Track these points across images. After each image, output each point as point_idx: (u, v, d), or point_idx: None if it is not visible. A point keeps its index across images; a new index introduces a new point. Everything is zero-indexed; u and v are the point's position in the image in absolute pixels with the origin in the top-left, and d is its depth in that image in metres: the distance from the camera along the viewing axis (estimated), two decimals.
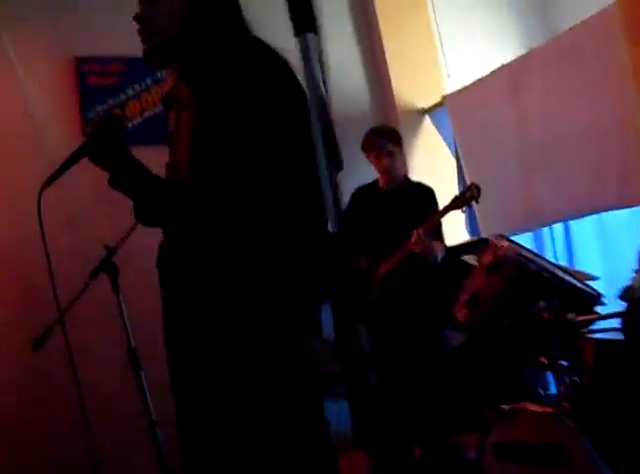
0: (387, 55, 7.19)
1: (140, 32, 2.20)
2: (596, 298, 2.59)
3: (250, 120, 1.89)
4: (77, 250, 5.48)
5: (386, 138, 5.13)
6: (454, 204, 4.72)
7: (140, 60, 6.10)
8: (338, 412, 2.54)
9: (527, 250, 2.87)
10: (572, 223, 6.20)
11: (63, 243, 5.54)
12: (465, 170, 6.82)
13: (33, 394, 5.31)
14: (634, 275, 2.51)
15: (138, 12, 2.21)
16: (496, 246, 2.67)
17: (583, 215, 5.91)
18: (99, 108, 5.92)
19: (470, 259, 3.19)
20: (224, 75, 1.97)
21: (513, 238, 5.87)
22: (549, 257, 6.33)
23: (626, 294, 2.47)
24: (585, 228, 6.11)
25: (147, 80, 6.13)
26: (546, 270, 2.52)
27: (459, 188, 6.94)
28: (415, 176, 6.96)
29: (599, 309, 2.68)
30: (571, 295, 2.51)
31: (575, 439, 2.13)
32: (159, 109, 6.14)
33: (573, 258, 6.24)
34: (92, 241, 5.17)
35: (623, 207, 5.44)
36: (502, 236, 2.88)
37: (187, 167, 2.03)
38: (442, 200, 6.79)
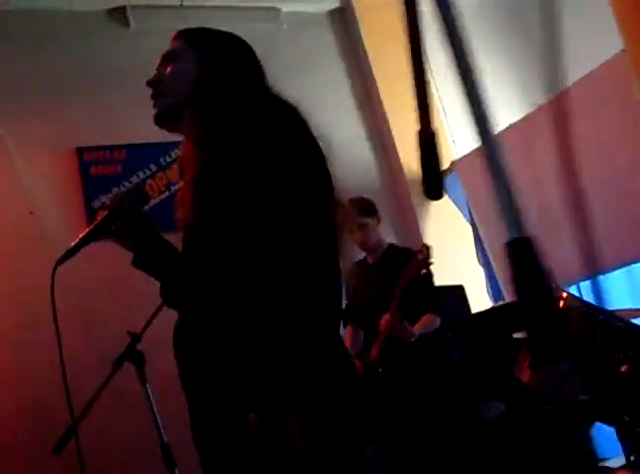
0: (392, 127, 7.14)
1: (153, 95, 2.05)
2: None
3: (256, 188, 1.77)
4: (91, 342, 5.29)
5: (355, 210, 4.69)
6: (408, 274, 4.43)
7: (142, 147, 6.06)
8: None
9: (584, 300, 2.65)
10: (601, 278, 5.98)
11: (75, 337, 5.35)
12: (482, 235, 6.65)
13: None
14: None
15: (154, 77, 2.06)
16: (562, 297, 2.44)
17: (612, 269, 5.71)
18: (103, 198, 5.78)
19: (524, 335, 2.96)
20: (234, 137, 1.84)
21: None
22: None
23: None
24: (614, 282, 5.88)
25: (151, 166, 6.01)
26: (615, 317, 2.29)
27: (477, 253, 6.77)
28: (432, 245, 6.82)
29: None
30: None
31: None
32: (165, 195, 6.01)
33: None
34: (106, 333, 5.01)
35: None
36: (558, 287, 2.65)
37: (189, 231, 1.94)
38: (462, 267, 6.65)
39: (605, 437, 4.67)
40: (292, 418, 1.61)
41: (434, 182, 1.22)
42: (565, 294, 2.44)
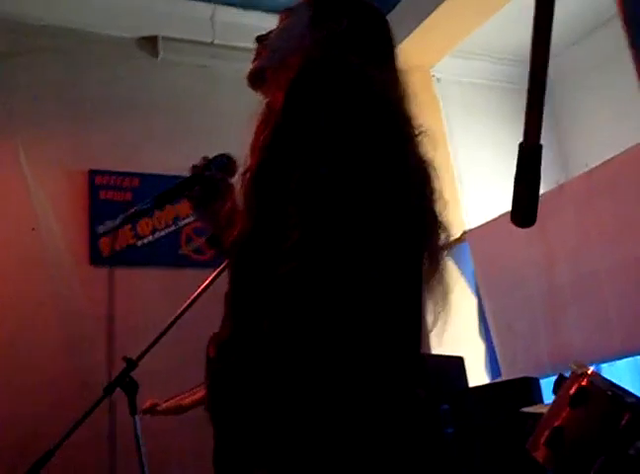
0: None
1: (257, 50, 1.83)
2: None
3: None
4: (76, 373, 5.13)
5: None
6: None
7: (155, 178, 5.96)
8: None
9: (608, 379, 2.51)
10: (604, 366, 5.83)
11: (68, 377, 5.21)
12: (486, 309, 6.52)
13: None
14: None
15: (264, 35, 1.84)
16: (578, 374, 2.31)
17: (616, 358, 5.56)
18: (109, 223, 5.67)
19: (534, 409, 2.83)
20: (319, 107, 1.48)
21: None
22: None
23: None
24: (619, 371, 5.74)
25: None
26: None
27: (480, 326, 6.64)
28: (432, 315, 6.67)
29: None
30: None
31: None
32: (171, 229, 5.91)
33: None
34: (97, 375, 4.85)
35: None
36: (583, 364, 2.52)
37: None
38: (464, 341, 6.51)
39: None
40: None
41: (531, 205, 1.10)
42: (589, 371, 2.31)
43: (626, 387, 5.57)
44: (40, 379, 5.11)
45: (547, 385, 5.77)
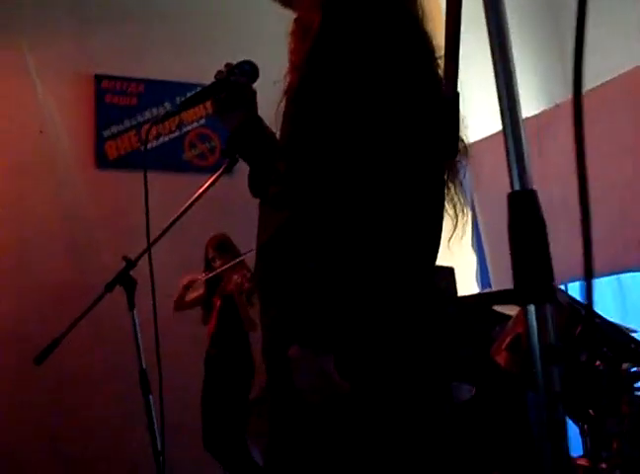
0: None
1: None
2: None
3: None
4: (83, 270, 5.38)
5: None
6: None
7: (160, 84, 6.06)
8: None
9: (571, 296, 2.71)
10: None
11: (68, 264, 5.45)
12: (480, 221, 6.70)
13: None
14: None
15: None
16: None
17: (602, 275, 5.77)
18: (114, 128, 5.80)
19: (504, 309, 3.01)
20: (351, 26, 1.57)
21: None
22: None
23: None
24: (602, 288, 5.95)
25: (166, 104, 6.01)
26: (597, 316, 2.35)
27: (473, 237, 6.83)
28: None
29: None
30: (622, 345, 2.34)
31: None
32: (175, 135, 6.04)
33: None
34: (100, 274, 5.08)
35: None
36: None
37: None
38: (456, 251, 6.71)
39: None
40: (329, 357, 1.44)
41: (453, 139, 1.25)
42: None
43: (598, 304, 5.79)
44: (45, 278, 5.36)
45: None
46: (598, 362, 2.24)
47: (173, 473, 4.17)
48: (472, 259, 6.82)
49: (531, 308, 1.03)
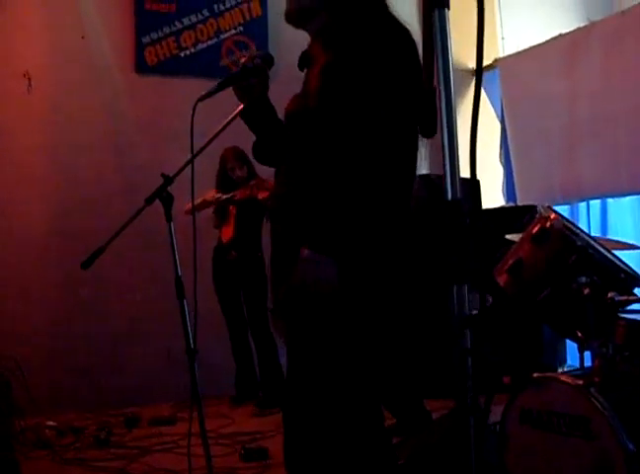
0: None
1: None
2: (636, 280, 2.62)
3: (367, 92, 1.98)
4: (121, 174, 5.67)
5: None
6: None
7: None
8: None
9: (573, 224, 2.89)
10: (610, 201, 6.19)
11: (108, 166, 5.74)
12: (509, 136, 6.81)
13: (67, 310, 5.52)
14: None
15: None
16: (544, 216, 2.70)
17: (623, 194, 5.91)
18: (153, 34, 5.95)
19: (515, 238, 3.22)
20: (354, 41, 2.05)
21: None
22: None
23: None
24: (622, 207, 6.10)
25: (204, 12, 6.14)
26: (592, 246, 2.55)
27: (501, 151, 6.96)
28: (459, 136, 6.98)
29: (638, 291, 2.72)
30: (612, 275, 2.55)
31: (601, 413, 2.19)
32: (213, 41, 6.18)
33: (607, 235, 6.24)
34: (140, 175, 5.38)
35: None
36: (549, 207, 2.91)
37: (311, 114, 2.08)
38: (484, 162, 6.87)
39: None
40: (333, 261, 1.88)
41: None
42: (553, 215, 2.69)
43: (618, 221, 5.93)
44: (87, 175, 5.66)
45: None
46: (587, 290, 2.46)
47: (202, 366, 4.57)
48: (499, 172, 6.97)
49: (454, 287, 1.36)
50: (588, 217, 6.33)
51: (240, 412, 5.22)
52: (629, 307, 2.69)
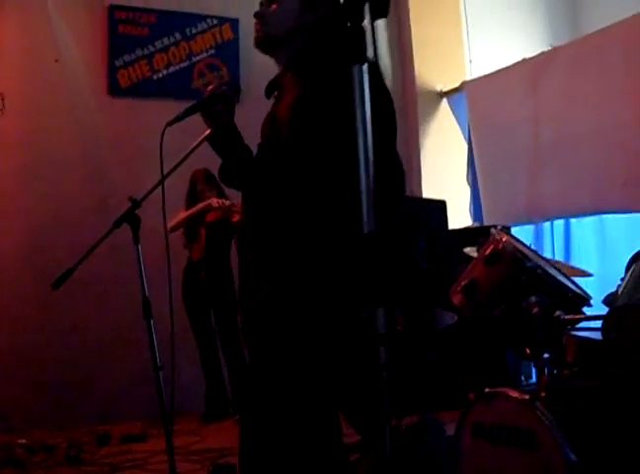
0: (413, 36, 7.30)
1: (259, 24, 2.37)
2: (584, 299, 2.75)
3: (331, 127, 2.11)
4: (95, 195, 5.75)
5: None
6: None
7: (171, 14, 6.30)
8: None
9: (525, 246, 3.02)
10: (573, 221, 6.36)
11: (82, 188, 5.82)
12: (476, 157, 6.96)
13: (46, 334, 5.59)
14: (620, 283, 2.66)
15: (260, 10, 2.38)
16: (496, 239, 2.83)
17: (585, 214, 6.07)
18: (127, 57, 6.06)
19: (471, 251, 3.35)
20: (325, 76, 2.18)
21: (513, 230, 6.18)
22: (547, 251, 6.53)
23: (610, 301, 2.64)
24: (585, 227, 6.26)
25: (177, 35, 6.26)
26: (541, 267, 2.67)
27: (468, 172, 7.11)
28: (427, 156, 7.17)
29: (586, 310, 2.84)
30: (561, 294, 2.67)
31: (545, 426, 2.31)
32: (185, 64, 6.30)
33: (570, 255, 6.41)
34: (113, 194, 5.46)
35: (626, 212, 5.58)
36: (503, 229, 3.04)
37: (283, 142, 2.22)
38: (451, 182, 7.02)
39: None
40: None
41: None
42: (505, 238, 2.81)
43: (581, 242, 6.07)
44: (62, 194, 5.75)
45: (520, 233, 6.36)
46: (536, 309, 2.59)
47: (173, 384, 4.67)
48: (467, 192, 7.11)
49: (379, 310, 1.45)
50: (552, 237, 6.49)
51: (210, 429, 5.29)
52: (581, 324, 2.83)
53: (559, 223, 6.46)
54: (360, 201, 2.18)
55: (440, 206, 6.18)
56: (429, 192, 6.90)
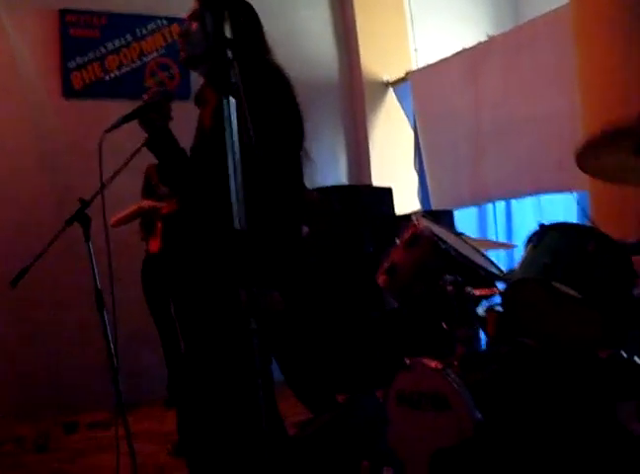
0: (358, 27, 7.54)
1: (182, 43, 2.63)
2: (494, 276, 3.03)
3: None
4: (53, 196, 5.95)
5: None
6: None
7: (121, 16, 6.48)
8: None
9: (446, 229, 3.29)
10: (514, 202, 6.67)
11: (40, 190, 6.01)
12: (421, 144, 7.24)
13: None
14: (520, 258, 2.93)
15: (182, 29, 2.63)
16: (415, 224, 3.10)
17: (523, 196, 6.38)
18: (79, 59, 6.24)
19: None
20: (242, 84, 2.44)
21: (458, 213, 6.48)
22: (491, 231, 6.85)
23: (507, 276, 2.92)
24: (525, 207, 6.57)
25: (127, 36, 6.45)
26: (454, 249, 2.95)
27: (415, 159, 7.39)
28: (375, 146, 7.44)
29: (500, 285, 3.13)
30: (473, 272, 2.95)
31: (455, 390, 2.59)
32: (136, 65, 6.49)
33: (512, 233, 6.73)
34: (66, 188, 5.66)
35: (559, 192, 5.89)
36: (423, 215, 3.31)
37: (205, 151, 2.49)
38: (399, 170, 7.30)
39: None
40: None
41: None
42: (423, 223, 3.08)
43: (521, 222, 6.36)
44: (24, 194, 5.94)
45: (463, 216, 6.67)
46: (450, 287, 2.87)
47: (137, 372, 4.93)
48: (415, 178, 7.39)
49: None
50: (495, 218, 6.80)
51: (172, 414, 5.53)
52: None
53: (501, 205, 6.77)
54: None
55: (386, 193, 6.46)
56: (378, 180, 7.18)
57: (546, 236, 2.61)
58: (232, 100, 1.54)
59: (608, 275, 2.42)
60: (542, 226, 2.66)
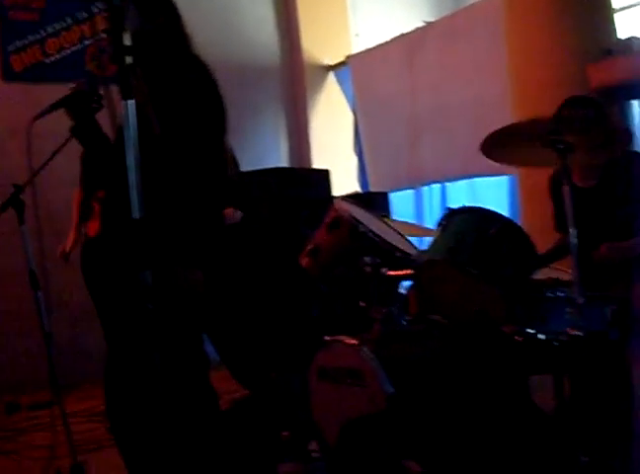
0: (299, 11, 7.63)
1: (109, 41, 2.71)
2: (408, 257, 3.19)
3: (172, 112, 2.47)
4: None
5: None
6: None
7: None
8: None
9: (370, 212, 3.44)
10: (448, 185, 6.87)
11: None
12: (360, 127, 7.40)
13: None
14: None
15: (108, 27, 2.73)
16: (336, 207, 3.25)
17: (457, 179, 6.58)
18: (18, 42, 6.25)
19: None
20: (161, 79, 2.55)
21: (395, 195, 6.65)
22: (427, 213, 7.04)
23: (417, 257, 3.09)
24: (459, 190, 6.76)
25: (67, 19, 6.47)
26: (374, 232, 3.10)
27: (355, 141, 7.54)
28: (316, 129, 7.57)
29: None
30: (389, 254, 3.11)
31: (369, 366, 2.76)
32: (77, 48, 6.52)
33: None
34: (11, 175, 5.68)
35: (490, 175, 6.10)
36: (345, 199, 3.46)
37: None
38: (340, 153, 7.44)
39: None
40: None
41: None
42: (344, 207, 3.24)
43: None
44: None
45: (400, 198, 6.85)
46: (368, 268, 3.03)
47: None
48: (354, 161, 7.55)
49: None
50: (430, 199, 6.99)
51: None
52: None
53: (437, 187, 6.96)
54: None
55: (323, 176, 6.57)
56: (319, 162, 7.31)
57: (453, 220, 2.77)
58: (131, 101, 1.67)
59: (507, 257, 2.60)
60: (449, 210, 2.82)
